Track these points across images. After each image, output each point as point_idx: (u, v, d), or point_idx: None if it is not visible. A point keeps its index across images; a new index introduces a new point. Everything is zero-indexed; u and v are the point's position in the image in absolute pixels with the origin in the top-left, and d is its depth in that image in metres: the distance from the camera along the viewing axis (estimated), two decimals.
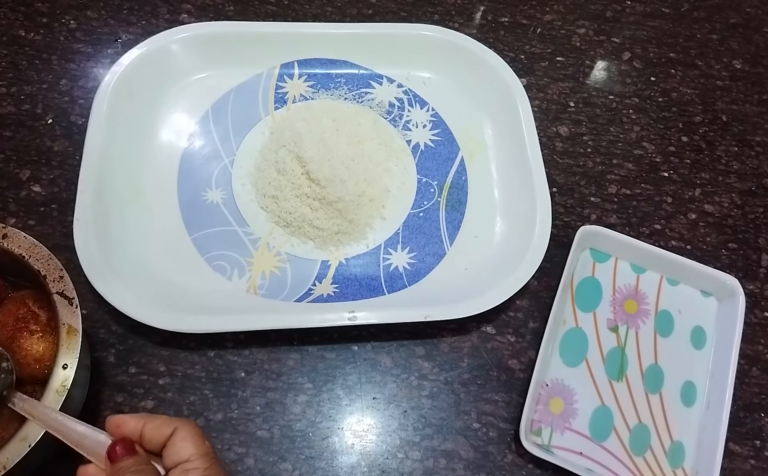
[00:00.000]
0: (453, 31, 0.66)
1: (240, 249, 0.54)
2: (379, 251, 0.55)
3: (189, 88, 0.62)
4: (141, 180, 0.56)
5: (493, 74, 0.63)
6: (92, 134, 0.54)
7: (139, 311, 0.47)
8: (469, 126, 0.64)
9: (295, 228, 0.55)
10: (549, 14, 0.76)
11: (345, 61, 0.65)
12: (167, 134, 0.59)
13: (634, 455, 0.49)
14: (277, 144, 0.57)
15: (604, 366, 0.52)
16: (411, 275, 0.54)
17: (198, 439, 0.35)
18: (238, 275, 0.53)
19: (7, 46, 0.64)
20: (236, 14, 0.70)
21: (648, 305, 0.55)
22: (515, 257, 0.53)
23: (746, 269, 0.59)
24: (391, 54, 0.65)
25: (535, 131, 0.59)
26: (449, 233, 0.57)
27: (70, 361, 0.39)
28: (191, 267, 0.53)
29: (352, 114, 0.62)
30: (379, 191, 0.57)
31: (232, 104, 0.62)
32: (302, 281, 0.53)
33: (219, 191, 0.57)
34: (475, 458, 0.48)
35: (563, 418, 0.50)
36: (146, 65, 0.59)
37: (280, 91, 0.63)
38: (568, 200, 0.61)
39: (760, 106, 0.71)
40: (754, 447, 0.51)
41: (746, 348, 0.55)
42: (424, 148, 0.62)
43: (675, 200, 0.63)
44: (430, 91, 0.65)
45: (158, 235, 0.54)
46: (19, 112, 0.60)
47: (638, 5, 0.79)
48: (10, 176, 0.56)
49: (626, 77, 0.72)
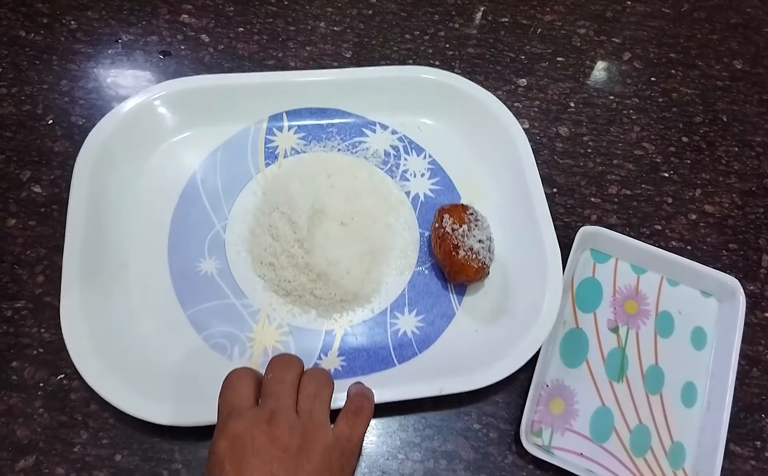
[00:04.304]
0: (446, 72, 0.63)
1: (239, 324, 0.50)
2: (385, 315, 0.52)
3: (174, 149, 0.59)
4: (129, 254, 0.52)
5: (490, 117, 0.60)
6: (73, 208, 0.50)
7: (137, 406, 0.43)
8: (468, 172, 0.60)
9: (295, 297, 0.52)
10: (549, 14, 0.76)
11: (335, 109, 0.62)
12: (154, 201, 0.56)
13: (635, 456, 0.49)
14: (270, 206, 0.54)
15: (604, 367, 0.52)
16: (421, 341, 0.51)
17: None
18: (238, 353, 0.49)
19: (7, 47, 0.64)
20: (236, 14, 0.70)
21: (648, 306, 0.55)
22: (527, 316, 0.49)
23: (747, 269, 0.59)
24: (383, 99, 0.62)
25: (539, 177, 0.55)
26: (457, 291, 0.54)
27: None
28: (188, 347, 0.49)
29: (347, 167, 0.59)
30: (381, 250, 0.55)
31: (220, 163, 0.58)
32: (307, 356, 0.49)
33: (213, 261, 0.53)
34: (475, 459, 0.48)
35: (564, 419, 0.50)
36: (126, 129, 0.56)
37: (270, 145, 0.60)
38: (569, 200, 0.61)
39: (760, 107, 0.71)
40: (754, 447, 0.51)
41: (747, 349, 0.55)
42: (423, 198, 0.59)
43: (675, 201, 0.63)
44: (425, 136, 0.62)
45: (151, 312, 0.50)
46: (20, 112, 0.60)
47: (638, 5, 0.79)
48: (11, 176, 0.56)
49: (626, 78, 0.72)
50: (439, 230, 0.52)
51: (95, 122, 0.56)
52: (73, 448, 0.45)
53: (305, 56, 0.68)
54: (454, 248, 0.51)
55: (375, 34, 0.71)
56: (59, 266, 0.47)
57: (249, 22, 0.70)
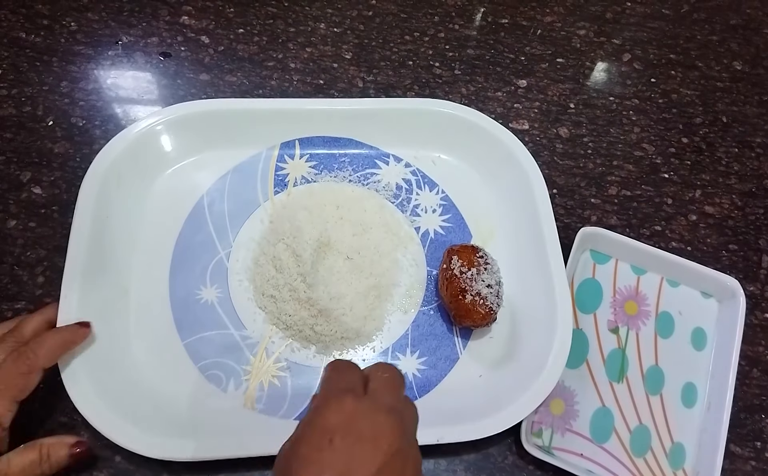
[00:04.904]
0: (464, 107, 0.60)
1: (236, 356, 0.49)
2: (386, 355, 0.51)
3: (183, 172, 0.58)
4: (130, 276, 0.52)
5: (508, 156, 0.58)
6: (78, 226, 0.49)
7: (122, 433, 0.42)
8: (481, 211, 0.59)
9: (295, 331, 0.50)
10: (549, 16, 0.76)
11: (349, 139, 0.60)
12: (159, 223, 0.55)
13: (635, 456, 0.49)
14: (276, 236, 0.53)
15: (604, 368, 0.52)
16: (422, 384, 0.50)
17: None
18: (234, 386, 0.48)
19: (7, 48, 0.64)
20: (236, 16, 0.70)
21: (648, 307, 0.55)
22: (533, 366, 0.48)
23: (747, 270, 0.59)
24: (399, 131, 0.60)
25: (554, 222, 0.53)
26: (462, 334, 0.52)
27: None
28: (183, 377, 0.48)
29: (357, 198, 0.57)
30: (386, 286, 0.53)
31: (228, 188, 0.57)
32: (303, 393, 0.48)
33: (214, 289, 0.52)
34: (475, 459, 0.48)
35: (564, 419, 0.50)
36: (136, 149, 0.55)
37: (280, 173, 0.59)
38: (569, 201, 0.61)
39: (760, 108, 0.71)
40: (754, 448, 0.51)
41: (747, 349, 0.55)
42: (433, 235, 0.57)
43: (675, 202, 0.63)
44: (439, 171, 0.61)
45: (147, 337, 0.49)
46: (20, 114, 0.60)
47: (638, 7, 0.79)
48: (11, 177, 0.56)
49: (626, 79, 0.72)
50: (446, 272, 0.51)
51: (95, 124, 0.56)
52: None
53: (305, 57, 0.68)
54: (461, 291, 0.49)
55: (375, 36, 0.71)
56: (59, 267, 0.47)
57: (249, 23, 0.70)
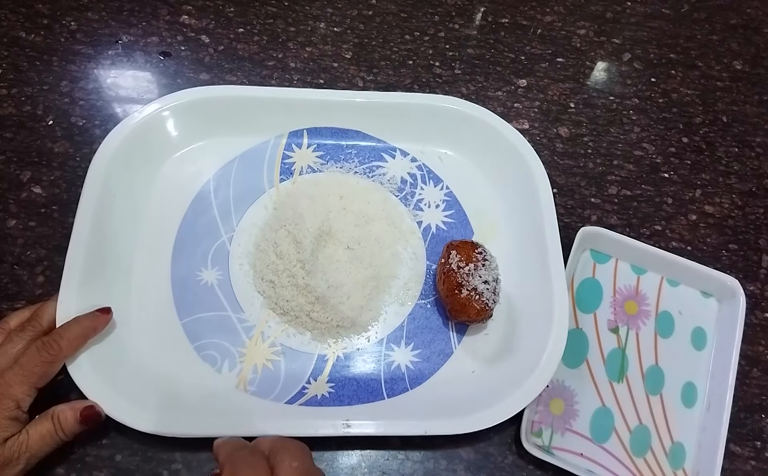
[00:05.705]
0: (473, 105, 0.60)
1: (233, 337, 0.50)
2: (381, 345, 0.51)
3: (190, 157, 0.58)
4: (133, 256, 0.52)
5: (515, 155, 0.58)
6: (83, 208, 0.50)
7: (120, 410, 0.43)
8: (484, 209, 0.59)
9: (291, 317, 0.51)
10: (549, 15, 0.76)
11: (357, 131, 0.61)
12: (164, 206, 0.55)
13: (635, 456, 0.49)
14: (278, 223, 0.54)
15: (604, 367, 0.52)
16: (414, 377, 0.50)
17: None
18: (228, 367, 0.49)
19: (7, 48, 0.64)
20: (236, 15, 0.70)
21: (648, 306, 0.55)
22: (526, 364, 0.48)
23: (747, 270, 0.59)
24: (407, 125, 0.61)
25: (556, 219, 0.53)
26: (458, 329, 0.52)
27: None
28: (179, 355, 0.49)
29: (361, 190, 0.58)
30: (385, 278, 0.54)
31: (235, 174, 0.58)
32: (296, 378, 0.49)
33: (215, 271, 0.53)
34: (475, 459, 0.48)
35: (564, 419, 0.50)
36: (146, 131, 0.55)
37: (287, 161, 0.59)
38: (569, 201, 0.61)
39: (760, 107, 0.71)
40: (754, 448, 0.51)
41: (747, 349, 0.55)
42: (435, 230, 0.57)
43: (675, 201, 0.63)
44: (445, 167, 0.61)
45: (147, 317, 0.50)
46: (20, 113, 0.60)
47: (638, 6, 0.79)
48: (11, 177, 0.56)
49: (626, 78, 0.72)
50: (444, 266, 0.51)
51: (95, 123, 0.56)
52: (73, 448, 0.45)
53: (305, 57, 0.68)
54: (457, 286, 0.49)
55: (375, 35, 0.71)
56: (59, 266, 0.47)
57: (249, 22, 0.70)
